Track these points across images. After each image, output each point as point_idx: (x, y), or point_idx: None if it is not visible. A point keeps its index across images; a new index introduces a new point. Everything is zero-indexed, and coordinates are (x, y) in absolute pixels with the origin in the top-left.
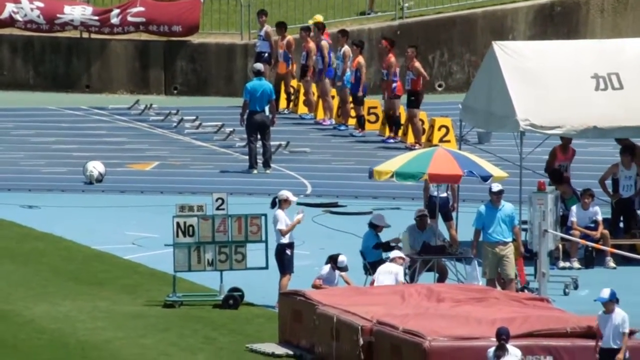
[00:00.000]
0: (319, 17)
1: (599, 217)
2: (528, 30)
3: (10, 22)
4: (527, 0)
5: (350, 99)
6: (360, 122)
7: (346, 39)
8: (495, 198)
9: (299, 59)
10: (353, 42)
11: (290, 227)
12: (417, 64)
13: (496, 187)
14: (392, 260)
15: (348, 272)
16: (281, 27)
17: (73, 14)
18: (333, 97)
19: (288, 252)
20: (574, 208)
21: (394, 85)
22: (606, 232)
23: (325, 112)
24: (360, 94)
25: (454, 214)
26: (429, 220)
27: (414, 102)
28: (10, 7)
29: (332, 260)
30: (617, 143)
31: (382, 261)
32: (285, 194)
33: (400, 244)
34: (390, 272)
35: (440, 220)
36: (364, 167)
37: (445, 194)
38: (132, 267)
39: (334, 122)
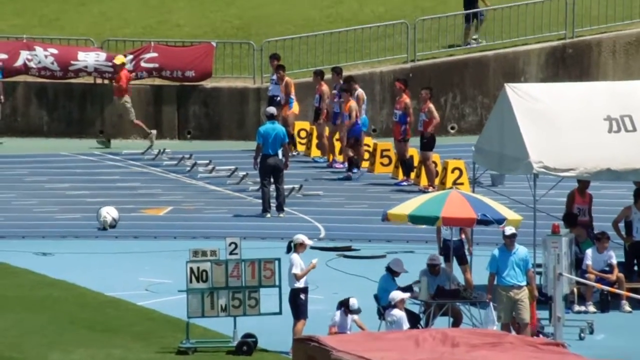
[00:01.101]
0: (122, 59)
1: (614, 261)
2: (540, 73)
3: (25, 69)
4: (538, 42)
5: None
6: (354, 163)
7: (354, 83)
8: (509, 242)
9: (312, 102)
10: (342, 88)
11: (305, 272)
12: (431, 106)
13: (509, 230)
14: (395, 305)
15: (362, 316)
16: (279, 69)
17: (87, 60)
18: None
19: (302, 296)
20: (589, 251)
21: (403, 127)
22: (621, 275)
23: (338, 155)
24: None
25: (469, 257)
26: (442, 266)
27: (426, 144)
28: (24, 55)
29: (343, 305)
30: (634, 184)
31: None
32: (301, 237)
33: (416, 288)
34: (391, 324)
35: (455, 263)
36: (377, 210)
37: (459, 237)
38: (145, 313)
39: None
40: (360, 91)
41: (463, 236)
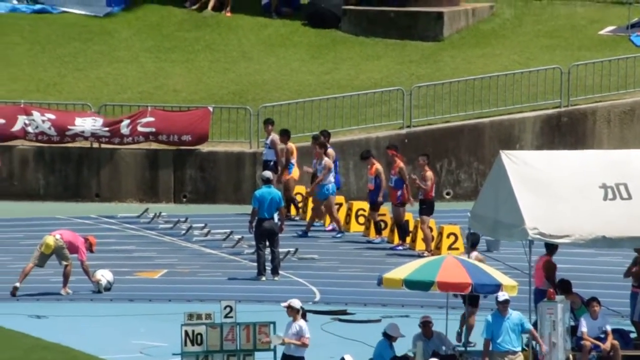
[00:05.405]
0: None
1: (609, 328)
2: (535, 140)
3: (22, 134)
4: (534, 110)
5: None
6: (378, 228)
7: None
8: (502, 307)
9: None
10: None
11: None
12: (429, 173)
13: (502, 296)
14: None
15: None
16: (284, 134)
17: (84, 125)
18: (341, 204)
19: None
20: (583, 318)
21: (399, 192)
22: (616, 342)
23: (331, 220)
24: (380, 199)
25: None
26: (436, 330)
27: (425, 210)
28: (22, 120)
29: None
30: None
31: None
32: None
33: (411, 354)
34: None
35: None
36: (372, 274)
37: None
38: None
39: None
40: (330, 150)
41: None
